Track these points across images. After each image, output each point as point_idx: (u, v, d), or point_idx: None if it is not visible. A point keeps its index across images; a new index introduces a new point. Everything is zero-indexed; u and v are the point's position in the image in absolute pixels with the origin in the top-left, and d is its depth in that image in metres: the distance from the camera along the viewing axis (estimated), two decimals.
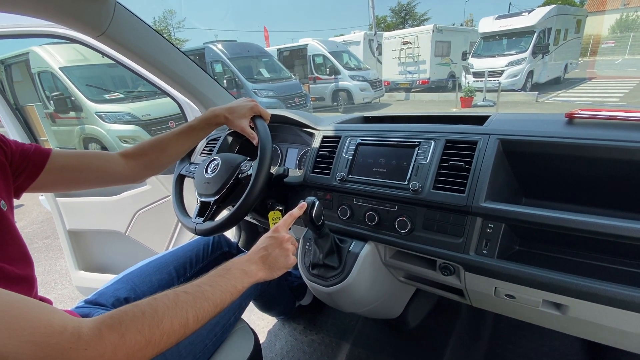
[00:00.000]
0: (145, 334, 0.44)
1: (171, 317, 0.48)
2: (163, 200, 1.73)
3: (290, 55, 12.25)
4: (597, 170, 0.73)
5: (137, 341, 0.43)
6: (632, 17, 22.71)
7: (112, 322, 0.43)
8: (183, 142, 0.91)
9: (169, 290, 0.52)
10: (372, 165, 0.95)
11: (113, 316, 0.44)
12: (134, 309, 0.46)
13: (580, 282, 0.64)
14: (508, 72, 9.96)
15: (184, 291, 0.52)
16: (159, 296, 0.50)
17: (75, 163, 0.76)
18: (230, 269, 0.61)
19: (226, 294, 0.57)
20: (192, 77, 1.37)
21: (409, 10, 31.41)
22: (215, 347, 0.85)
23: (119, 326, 0.43)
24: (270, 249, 0.68)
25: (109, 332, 0.42)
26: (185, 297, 0.51)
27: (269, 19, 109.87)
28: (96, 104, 5.09)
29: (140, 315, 0.45)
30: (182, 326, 0.49)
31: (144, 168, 0.87)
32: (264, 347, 1.48)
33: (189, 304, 0.51)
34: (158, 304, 0.48)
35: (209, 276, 0.58)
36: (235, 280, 0.59)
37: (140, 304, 0.47)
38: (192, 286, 0.54)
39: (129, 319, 0.44)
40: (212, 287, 0.55)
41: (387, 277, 1.05)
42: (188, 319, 0.50)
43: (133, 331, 0.44)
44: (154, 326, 0.45)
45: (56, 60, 5.08)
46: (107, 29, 1.02)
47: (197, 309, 0.51)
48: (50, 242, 3.29)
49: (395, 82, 13.00)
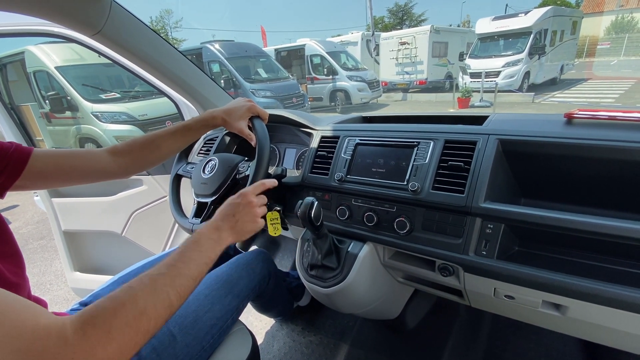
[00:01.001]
0: (132, 324, 0.44)
1: (154, 302, 0.48)
2: (160, 200, 1.72)
3: (287, 55, 12.24)
4: (596, 170, 0.72)
5: (125, 333, 0.43)
6: (627, 18, 22.88)
7: (95, 320, 0.42)
8: (177, 141, 0.90)
9: (143, 275, 0.51)
10: (370, 165, 0.94)
11: (94, 314, 0.43)
12: (113, 304, 0.45)
13: (580, 283, 0.64)
14: (505, 73, 10.01)
15: (159, 274, 0.52)
16: (134, 283, 0.49)
17: (58, 162, 0.74)
18: (199, 241, 0.60)
19: (202, 266, 0.57)
20: (189, 76, 1.36)
21: (406, 11, 31.50)
22: (213, 349, 0.84)
23: (102, 323, 0.42)
24: (238, 215, 0.68)
25: (93, 330, 0.41)
26: (163, 279, 0.51)
27: (267, 19, 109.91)
28: (92, 103, 5.06)
29: (121, 307, 0.45)
30: (167, 307, 0.49)
31: (133, 165, 0.86)
32: (262, 348, 1.47)
33: (168, 285, 0.51)
34: (136, 292, 0.47)
35: (179, 252, 0.57)
36: (208, 251, 0.60)
37: (117, 296, 0.46)
38: (166, 266, 0.53)
39: (110, 313, 0.43)
40: (186, 263, 0.55)
41: (386, 278, 1.04)
42: (171, 300, 0.50)
43: (119, 325, 0.43)
44: (138, 316, 0.45)
45: (52, 60, 5.04)
46: (103, 27, 1.01)
47: (177, 287, 0.52)
48: (46, 243, 3.26)
49: (392, 83, 13.02)
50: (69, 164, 0.76)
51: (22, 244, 3.32)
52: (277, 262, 1.85)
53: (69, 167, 0.76)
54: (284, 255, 1.92)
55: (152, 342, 0.73)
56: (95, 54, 1.37)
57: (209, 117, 0.90)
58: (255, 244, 1.96)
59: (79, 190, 1.78)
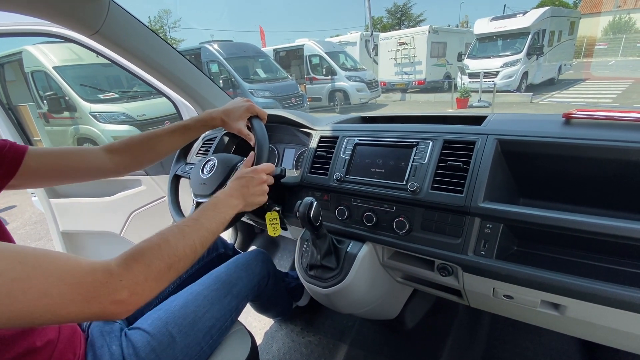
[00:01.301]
0: (166, 260, 0.53)
1: (183, 245, 0.57)
2: (159, 201, 1.71)
3: (286, 55, 12.23)
4: (594, 170, 0.73)
5: (161, 268, 0.52)
6: (625, 19, 22.96)
7: (136, 256, 0.51)
8: (175, 141, 0.90)
9: (172, 225, 0.61)
10: (369, 165, 0.94)
11: (134, 252, 0.51)
12: (149, 244, 0.54)
13: (579, 283, 0.64)
14: (503, 73, 10.02)
15: (186, 225, 0.62)
16: (165, 231, 0.58)
17: (53, 160, 0.74)
18: (217, 204, 0.70)
19: (219, 225, 0.68)
20: (188, 76, 1.36)
21: (405, 12, 31.55)
22: (212, 350, 0.84)
23: (142, 258, 0.51)
24: (251, 186, 0.78)
25: (135, 264, 0.50)
26: (189, 229, 0.61)
27: (265, 19, 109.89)
28: (90, 103, 5.05)
29: (157, 247, 0.54)
30: (193, 251, 0.59)
31: (130, 163, 0.86)
32: (261, 349, 1.46)
33: (194, 233, 0.61)
34: (168, 236, 0.57)
35: (201, 211, 0.67)
36: (225, 213, 0.70)
37: (152, 239, 0.55)
38: (191, 220, 0.63)
39: (149, 251, 0.52)
40: (208, 220, 0.65)
41: (385, 278, 1.04)
42: (195, 245, 0.60)
43: (156, 260, 0.52)
44: (171, 254, 0.55)
45: (50, 60, 5.03)
46: (101, 27, 1.01)
47: (201, 237, 0.61)
48: (44, 244, 3.25)
49: (391, 83, 13.03)
50: (64, 162, 0.76)
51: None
52: (276, 263, 1.85)
53: (64, 166, 0.76)
54: (283, 256, 1.92)
55: (151, 343, 0.73)
56: (94, 53, 1.37)
57: (208, 117, 0.90)
58: (254, 244, 1.95)
59: (77, 191, 1.77)
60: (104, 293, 0.45)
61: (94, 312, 0.45)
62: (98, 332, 0.73)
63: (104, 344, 0.71)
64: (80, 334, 0.70)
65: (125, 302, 0.47)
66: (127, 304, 0.47)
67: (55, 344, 0.61)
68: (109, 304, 0.45)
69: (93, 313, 0.45)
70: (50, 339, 0.61)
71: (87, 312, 0.44)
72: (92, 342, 0.70)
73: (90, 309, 0.44)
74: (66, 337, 0.64)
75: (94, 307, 0.44)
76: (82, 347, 0.68)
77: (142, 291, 0.49)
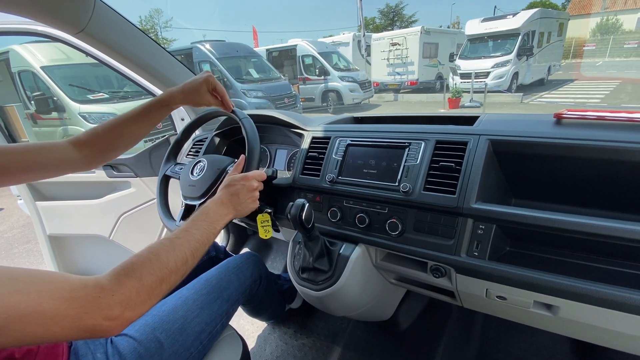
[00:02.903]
0: (157, 274, 0.53)
1: (174, 258, 0.57)
2: (148, 203, 1.68)
3: (279, 55, 12.20)
4: (585, 170, 0.73)
5: (152, 282, 0.52)
6: (612, 20, 23.40)
7: (127, 270, 0.50)
8: (140, 126, 0.86)
9: (162, 239, 0.60)
10: (362, 166, 0.93)
11: (125, 267, 0.51)
12: (140, 259, 0.53)
13: (571, 283, 0.64)
14: (494, 74, 10.13)
15: (176, 237, 0.61)
16: (155, 244, 0.57)
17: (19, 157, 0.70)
18: (208, 214, 0.69)
19: (210, 235, 0.67)
20: (178, 76, 1.34)
21: (397, 12, 31.72)
22: (202, 356, 0.82)
23: (133, 273, 0.50)
24: (242, 195, 0.76)
25: (127, 279, 0.49)
26: (180, 241, 0.60)
27: (258, 19, 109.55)
28: (80, 104, 4.96)
29: (148, 261, 0.53)
30: (184, 263, 0.58)
31: (99, 154, 0.82)
32: (254, 352, 1.45)
33: (185, 246, 0.60)
34: (159, 250, 0.56)
35: (192, 221, 0.66)
36: (215, 223, 0.69)
37: (142, 254, 0.54)
38: (182, 232, 0.63)
39: (140, 266, 0.52)
40: (199, 230, 0.65)
41: (378, 279, 1.04)
42: (187, 256, 0.59)
43: (148, 274, 0.51)
44: (162, 267, 0.54)
45: (37, 60, 4.93)
46: (87, 25, 0.98)
47: (192, 248, 0.61)
48: (32, 247, 3.18)
49: (384, 83, 13.08)
50: (31, 159, 0.72)
51: (6, 249, 3.24)
52: (268, 265, 1.83)
53: (31, 162, 0.72)
54: (276, 258, 1.90)
55: (139, 349, 0.71)
56: (82, 53, 1.33)
57: (168, 97, 0.85)
58: (247, 246, 1.93)
59: (65, 193, 1.74)
60: (96, 308, 0.44)
61: (87, 328, 0.44)
62: (82, 340, 0.71)
63: (88, 352, 0.68)
64: (64, 342, 0.67)
65: (119, 318, 0.46)
66: (121, 319, 0.47)
67: (35, 353, 0.59)
68: (102, 320, 0.45)
69: (86, 329, 0.44)
70: (30, 348, 0.58)
71: (80, 328, 0.43)
72: (76, 351, 0.68)
73: (83, 325, 0.43)
74: (47, 346, 0.62)
75: (87, 322, 0.43)
76: (65, 357, 0.65)
77: (135, 306, 0.49)
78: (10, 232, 3.60)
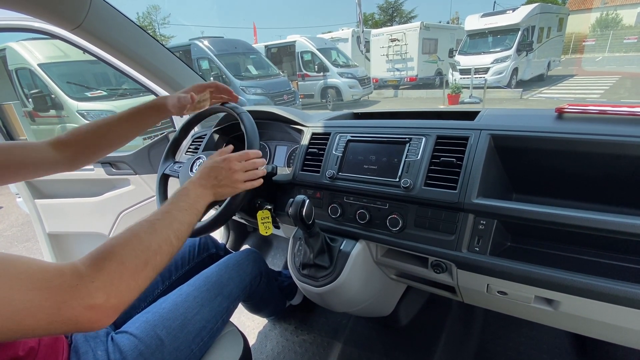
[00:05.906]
0: (140, 256, 0.49)
1: (157, 239, 0.53)
2: (148, 200, 1.68)
3: (278, 52, 12.15)
4: (587, 165, 0.72)
5: (136, 264, 0.47)
6: (612, 15, 23.30)
7: (106, 254, 0.46)
8: (127, 128, 0.84)
9: (141, 220, 0.55)
10: (362, 162, 0.93)
11: (103, 250, 0.46)
12: (119, 240, 0.49)
13: (572, 278, 0.64)
14: (493, 70, 10.10)
15: (156, 219, 0.56)
16: (134, 226, 0.53)
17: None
18: (189, 194, 0.66)
19: (192, 215, 0.64)
20: (176, 73, 1.32)
21: (396, 8, 31.54)
22: (202, 353, 0.82)
23: (113, 256, 0.46)
24: (220, 178, 0.73)
25: (107, 262, 0.45)
26: (160, 223, 0.56)
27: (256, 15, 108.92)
28: (78, 101, 4.94)
29: (127, 243, 0.49)
30: (169, 245, 0.54)
31: (81, 155, 0.81)
32: (255, 348, 1.45)
33: (166, 227, 0.56)
34: (138, 231, 0.52)
35: (171, 203, 0.63)
36: (196, 203, 0.66)
37: (120, 235, 0.50)
38: (162, 213, 0.59)
39: (120, 248, 0.48)
40: (180, 211, 0.61)
41: (378, 275, 1.03)
42: (170, 238, 0.55)
43: (129, 256, 0.47)
44: (144, 248, 0.50)
45: (34, 57, 4.91)
46: (84, 21, 0.97)
47: (175, 229, 0.57)
48: (31, 246, 3.18)
49: (383, 79, 13.04)
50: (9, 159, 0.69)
51: (6, 247, 3.24)
52: (268, 261, 1.83)
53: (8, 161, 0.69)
54: (276, 254, 1.90)
55: (139, 347, 0.71)
56: (80, 50, 1.32)
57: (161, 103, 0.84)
58: (247, 243, 1.93)
59: (64, 191, 1.73)
60: (75, 297, 0.40)
61: (68, 321, 0.40)
62: (82, 337, 0.70)
63: (88, 350, 0.68)
64: (64, 339, 0.67)
65: (103, 307, 0.42)
66: (106, 308, 0.43)
67: (36, 351, 0.59)
68: (84, 310, 0.41)
69: (67, 321, 0.40)
70: (31, 346, 0.58)
71: (60, 321, 0.40)
72: (76, 348, 0.68)
73: (62, 317, 0.40)
74: (47, 343, 0.61)
75: (66, 314, 0.40)
76: (65, 354, 0.65)
77: (120, 292, 0.44)
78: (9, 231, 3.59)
